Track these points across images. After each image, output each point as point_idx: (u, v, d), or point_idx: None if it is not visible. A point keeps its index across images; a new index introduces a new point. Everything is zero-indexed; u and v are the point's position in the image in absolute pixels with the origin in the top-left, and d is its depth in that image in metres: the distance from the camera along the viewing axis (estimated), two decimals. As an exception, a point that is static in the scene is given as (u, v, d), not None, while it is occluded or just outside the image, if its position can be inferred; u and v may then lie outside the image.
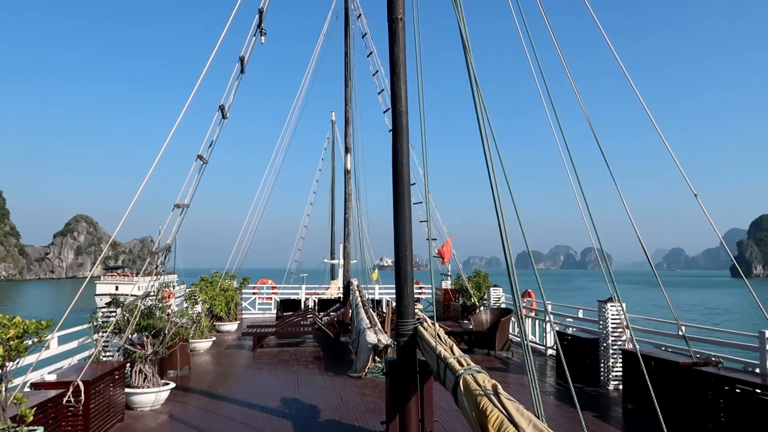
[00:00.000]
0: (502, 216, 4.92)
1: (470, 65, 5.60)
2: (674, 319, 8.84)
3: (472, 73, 5.55)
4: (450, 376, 5.25)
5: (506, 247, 5.06)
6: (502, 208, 4.91)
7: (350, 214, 16.80)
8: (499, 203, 4.91)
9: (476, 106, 5.35)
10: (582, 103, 7.60)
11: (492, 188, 4.98)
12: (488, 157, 5.09)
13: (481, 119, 5.23)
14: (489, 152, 5.12)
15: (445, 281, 20.00)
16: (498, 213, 4.94)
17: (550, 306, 14.09)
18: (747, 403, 6.73)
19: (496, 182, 4.99)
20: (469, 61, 5.62)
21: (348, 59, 17.97)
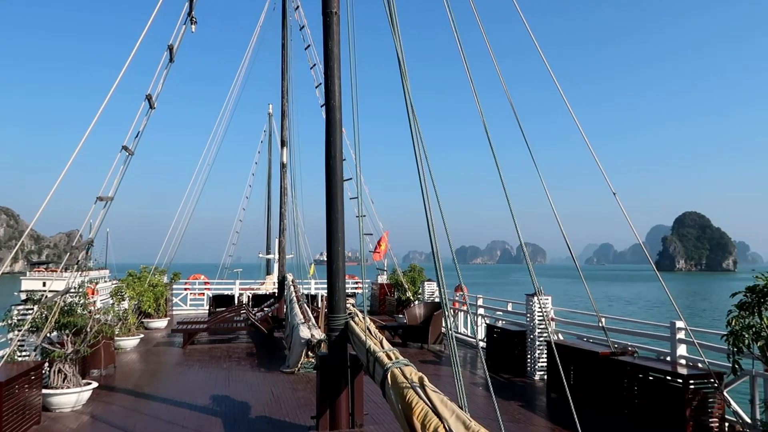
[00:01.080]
0: (430, 213, 5.01)
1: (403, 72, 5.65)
2: (595, 312, 9.25)
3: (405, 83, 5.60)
4: (378, 370, 5.32)
5: (434, 244, 5.15)
6: (430, 205, 4.99)
7: (286, 208, 16.63)
8: (428, 201, 4.98)
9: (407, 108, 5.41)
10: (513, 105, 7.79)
11: (421, 187, 5.05)
12: (418, 156, 5.16)
13: (412, 119, 5.29)
14: (418, 151, 5.19)
15: (381, 276, 20.13)
16: (426, 210, 5.02)
17: (481, 300, 14.48)
18: (658, 389, 7.15)
19: (425, 180, 5.06)
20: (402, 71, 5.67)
21: (285, 51, 17.73)
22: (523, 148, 7.27)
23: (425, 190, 5.02)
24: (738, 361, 6.20)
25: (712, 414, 6.82)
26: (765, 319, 5.97)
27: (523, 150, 7.27)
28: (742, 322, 6.11)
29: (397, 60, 5.64)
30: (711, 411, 6.83)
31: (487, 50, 7.57)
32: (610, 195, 7.91)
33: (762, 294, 5.93)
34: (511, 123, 7.55)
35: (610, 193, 7.88)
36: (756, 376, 6.81)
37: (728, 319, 6.21)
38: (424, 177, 5.04)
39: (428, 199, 5.00)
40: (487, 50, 7.59)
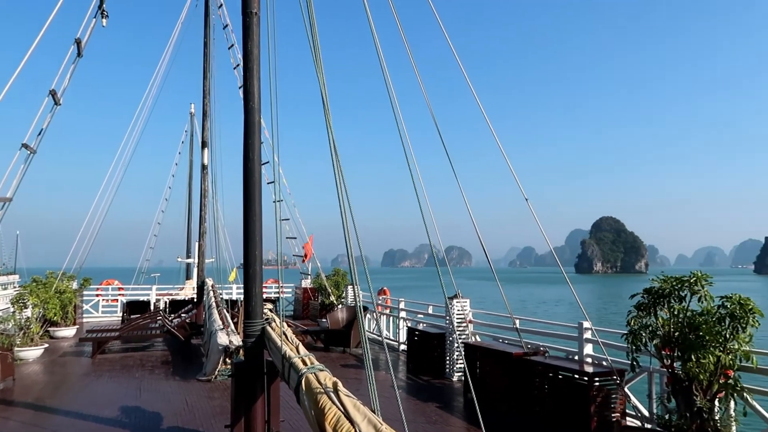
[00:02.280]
0: (345, 217, 5.00)
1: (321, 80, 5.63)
2: (513, 313, 9.57)
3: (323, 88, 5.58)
4: (293, 376, 5.27)
5: (349, 248, 5.14)
6: (346, 209, 4.99)
7: (206, 211, 16.16)
8: (344, 205, 4.98)
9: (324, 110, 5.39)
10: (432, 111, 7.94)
11: (338, 192, 5.04)
12: (334, 160, 5.15)
13: (328, 123, 5.28)
14: (335, 156, 5.18)
15: (305, 280, 19.96)
16: (342, 215, 5.01)
17: (403, 303, 14.64)
18: (567, 387, 7.48)
19: (341, 185, 5.06)
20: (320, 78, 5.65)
21: (207, 50, 17.25)
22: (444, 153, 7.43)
23: (341, 194, 5.02)
24: (636, 359, 6.57)
25: (614, 409, 7.22)
26: (660, 318, 6.36)
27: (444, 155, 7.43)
28: (640, 321, 6.48)
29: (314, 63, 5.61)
30: (613, 406, 7.22)
31: (407, 57, 7.68)
32: (531, 201, 8.20)
33: (657, 295, 6.32)
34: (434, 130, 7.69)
35: (532, 197, 8.16)
36: (653, 372, 7.26)
37: (628, 319, 6.58)
38: (340, 182, 5.04)
39: (344, 203, 5.00)
40: (407, 57, 7.69)
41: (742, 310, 5.82)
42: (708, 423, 5.86)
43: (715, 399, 5.95)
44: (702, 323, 5.98)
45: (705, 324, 5.96)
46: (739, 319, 5.82)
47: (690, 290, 6.15)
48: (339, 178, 5.10)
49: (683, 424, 5.94)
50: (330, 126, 5.34)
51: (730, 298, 5.94)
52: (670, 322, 6.24)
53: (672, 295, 6.23)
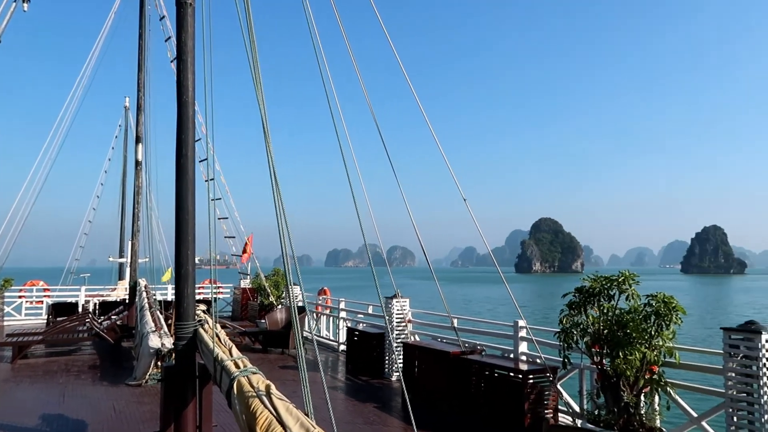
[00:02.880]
0: (282, 216, 4.89)
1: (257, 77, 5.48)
2: (451, 312, 9.65)
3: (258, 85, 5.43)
4: (225, 379, 5.11)
5: (284, 248, 5.03)
6: (283, 208, 4.87)
7: (140, 208, 15.55)
8: (279, 203, 4.86)
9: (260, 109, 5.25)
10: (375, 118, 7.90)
11: (273, 190, 4.92)
12: (269, 158, 5.02)
13: (265, 121, 5.14)
14: (271, 155, 5.05)
15: (243, 280, 19.53)
16: (278, 214, 4.89)
17: (344, 303, 14.56)
18: (502, 385, 7.60)
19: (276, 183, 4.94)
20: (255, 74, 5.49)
21: (142, 42, 16.61)
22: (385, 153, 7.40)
23: (276, 193, 4.89)
24: (568, 356, 6.74)
25: (547, 406, 7.38)
26: (590, 317, 6.55)
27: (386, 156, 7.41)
28: (571, 320, 6.65)
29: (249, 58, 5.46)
30: (546, 403, 7.38)
31: (348, 58, 7.61)
32: (471, 201, 8.27)
33: (588, 294, 6.50)
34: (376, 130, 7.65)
35: (472, 198, 8.24)
36: (583, 369, 7.47)
37: (560, 317, 6.74)
38: (274, 180, 4.92)
39: (280, 201, 4.88)
40: (348, 58, 7.63)
41: (666, 308, 6.06)
42: (634, 417, 6.06)
43: (641, 394, 6.17)
44: (629, 321, 6.19)
45: (632, 322, 6.16)
46: (663, 316, 6.05)
47: (618, 289, 6.36)
48: (272, 176, 4.98)
49: (611, 419, 6.13)
50: (266, 123, 5.21)
51: (655, 297, 6.17)
52: (600, 320, 6.42)
53: (602, 294, 6.42)
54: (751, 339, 5.40)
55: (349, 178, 5.29)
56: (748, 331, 5.47)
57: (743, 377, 5.47)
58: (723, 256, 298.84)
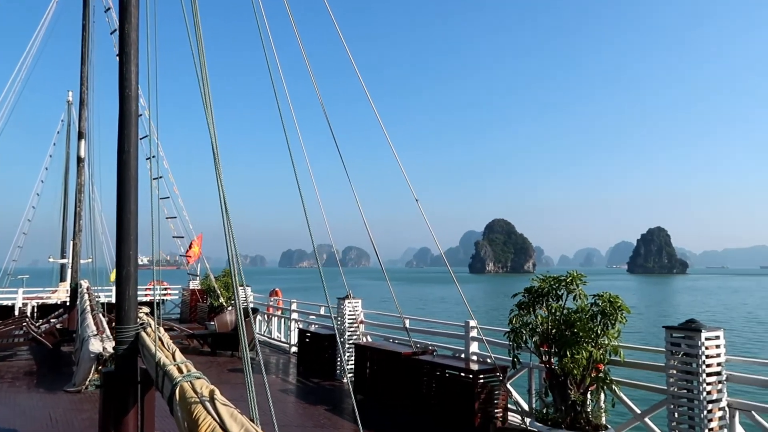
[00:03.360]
0: (226, 215, 4.72)
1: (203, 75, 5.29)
2: (408, 313, 9.62)
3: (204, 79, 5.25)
4: (167, 385, 4.90)
5: (229, 248, 4.87)
6: (227, 207, 4.71)
7: (82, 207, 14.90)
8: (224, 202, 4.70)
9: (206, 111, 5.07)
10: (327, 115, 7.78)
11: (218, 189, 4.76)
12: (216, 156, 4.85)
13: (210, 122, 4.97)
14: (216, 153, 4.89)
15: (193, 281, 19.02)
16: (223, 213, 4.73)
17: (295, 304, 14.35)
18: (453, 384, 7.61)
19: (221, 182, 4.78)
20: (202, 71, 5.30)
21: (86, 34, 15.95)
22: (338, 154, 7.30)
23: (221, 191, 4.73)
24: (517, 356, 6.79)
25: (497, 405, 7.43)
26: (539, 316, 6.62)
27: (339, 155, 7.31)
28: (521, 320, 6.70)
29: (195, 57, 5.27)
30: (496, 402, 7.43)
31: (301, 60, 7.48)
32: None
33: (537, 294, 6.56)
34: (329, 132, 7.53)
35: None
36: (533, 368, 7.55)
37: (510, 317, 6.78)
38: (219, 178, 4.76)
39: (224, 200, 4.72)
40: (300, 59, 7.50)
41: (612, 308, 6.18)
42: (581, 415, 6.16)
43: (587, 392, 6.27)
44: (577, 320, 6.28)
45: (579, 321, 6.26)
46: (609, 315, 6.17)
47: (566, 289, 6.45)
48: (218, 174, 4.82)
49: (558, 417, 6.20)
50: (211, 118, 5.04)
51: (601, 297, 6.29)
52: (548, 319, 6.50)
53: (550, 294, 6.50)
54: (692, 337, 5.55)
55: (297, 180, 5.14)
56: (688, 329, 5.62)
57: (684, 374, 5.62)
58: (666, 256, 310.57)
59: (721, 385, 5.56)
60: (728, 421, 5.58)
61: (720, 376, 5.56)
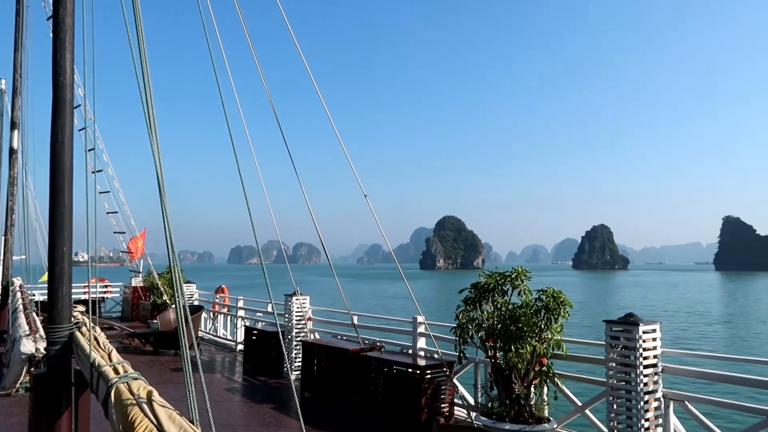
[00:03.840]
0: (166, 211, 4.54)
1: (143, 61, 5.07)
2: (359, 310, 9.55)
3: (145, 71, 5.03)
4: (102, 386, 4.68)
5: (169, 243, 4.68)
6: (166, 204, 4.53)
7: (15, 201, 14.17)
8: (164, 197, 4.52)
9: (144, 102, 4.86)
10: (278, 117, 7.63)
11: (158, 183, 4.57)
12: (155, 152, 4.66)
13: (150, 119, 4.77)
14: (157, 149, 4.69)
15: (135, 278, 18.40)
16: (162, 208, 4.54)
17: (242, 301, 14.09)
18: (400, 380, 7.61)
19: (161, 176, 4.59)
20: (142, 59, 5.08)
21: (19, 19, 15.16)
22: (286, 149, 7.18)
23: (161, 186, 4.55)
24: (464, 351, 6.85)
25: (443, 400, 7.48)
26: (485, 312, 6.69)
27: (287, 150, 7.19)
28: (467, 315, 6.76)
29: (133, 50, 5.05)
30: (443, 397, 7.48)
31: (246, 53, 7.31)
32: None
33: (483, 290, 6.63)
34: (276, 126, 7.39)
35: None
36: (478, 363, 7.63)
37: (456, 313, 6.83)
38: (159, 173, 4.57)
39: (164, 195, 4.54)
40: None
41: (555, 303, 6.31)
42: (524, 408, 6.26)
43: (531, 385, 6.38)
44: (521, 315, 6.38)
45: (524, 316, 6.36)
46: (552, 310, 6.30)
47: (512, 285, 6.54)
48: (158, 166, 4.63)
49: (503, 411, 6.29)
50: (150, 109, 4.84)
51: (545, 292, 6.41)
52: (494, 315, 6.58)
53: (496, 289, 6.58)
54: (630, 331, 5.72)
55: (241, 174, 5.00)
56: (627, 323, 5.78)
57: (622, 367, 5.78)
58: (609, 253, 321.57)
59: (657, 376, 5.75)
60: (663, 411, 5.78)
61: (656, 368, 5.75)
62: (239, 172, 4.65)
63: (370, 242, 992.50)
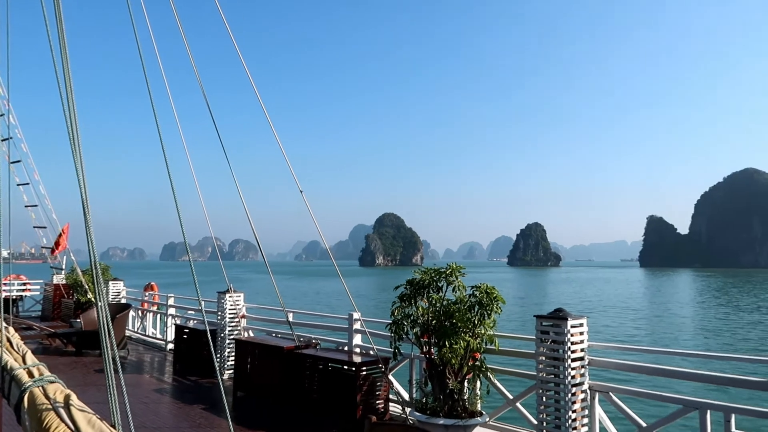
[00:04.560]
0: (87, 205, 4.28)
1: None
2: (297, 307, 9.39)
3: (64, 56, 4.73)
4: (15, 391, 4.38)
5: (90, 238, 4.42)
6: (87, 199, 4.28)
7: None
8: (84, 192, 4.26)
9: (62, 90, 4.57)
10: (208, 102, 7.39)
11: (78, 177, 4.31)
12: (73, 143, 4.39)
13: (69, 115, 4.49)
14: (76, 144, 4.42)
15: (57, 275, 17.43)
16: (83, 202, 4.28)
17: (173, 299, 13.62)
18: (336, 378, 7.54)
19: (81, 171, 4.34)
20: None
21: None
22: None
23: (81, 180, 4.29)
24: (399, 347, 6.85)
25: (379, 396, 7.47)
26: (420, 308, 6.71)
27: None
28: (403, 311, 6.76)
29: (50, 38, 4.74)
30: (378, 393, 7.47)
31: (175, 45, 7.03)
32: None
33: (418, 286, 6.65)
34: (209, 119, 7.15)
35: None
36: (414, 359, 7.67)
37: (392, 309, 6.82)
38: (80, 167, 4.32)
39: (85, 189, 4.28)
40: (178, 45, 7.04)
41: (488, 298, 6.39)
42: (458, 403, 6.33)
43: (464, 380, 6.45)
44: (456, 311, 6.44)
45: (458, 312, 6.42)
46: (486, 306, 6.38)
47: (446, 281, 6.59)
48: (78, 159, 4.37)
49: (437, 406, 6.34)
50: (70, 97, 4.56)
51: (479, 288, 6.49)
52: (429, 311, 6.61)
53: (431, 285, 6.61)
54: (559, 325, 5.87)
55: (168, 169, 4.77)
56: (556, 318, 5.94)
57: (552, 360, 5.93)
58: (542, 250, 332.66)
59: (584, 369, 5.94)
60: (589, 403, 5.97)
61: (583, 360, 5.93)
62: (167, 167, 4.43)
63: (308, 239, 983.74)
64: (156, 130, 4.45)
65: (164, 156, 4.33)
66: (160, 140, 4.38)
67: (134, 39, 4.89)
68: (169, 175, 4.25)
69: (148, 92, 4.85)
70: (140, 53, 5.38)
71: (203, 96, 7.38)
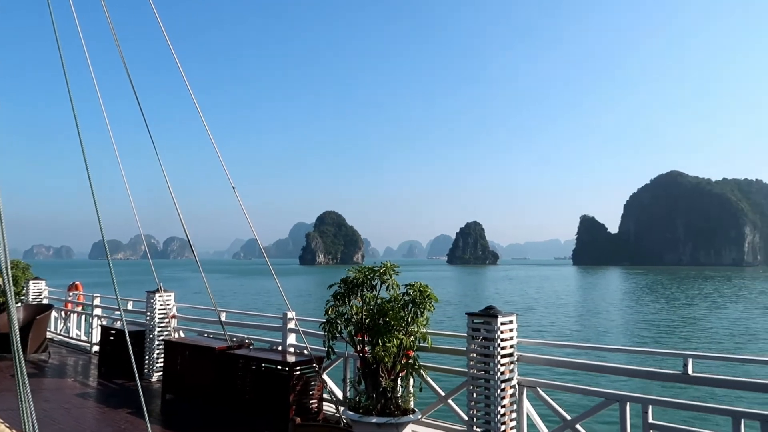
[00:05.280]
0: None
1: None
2: (232, 306, 9.16)
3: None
4: None
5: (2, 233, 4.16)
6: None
7: None
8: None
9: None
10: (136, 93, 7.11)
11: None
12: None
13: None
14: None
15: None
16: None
17: (99, 299, 13.04)
18: (269, 378, 7.43)
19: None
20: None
21: None
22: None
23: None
24: (332, 346, 6.80)
25: (312, 396, 7.41)
26: (354, 306, 6.68)
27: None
28: (336, 310, 6.72)
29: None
30: (312, 393, 7.41)
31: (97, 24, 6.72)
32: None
33: (352, 285, 6.62)
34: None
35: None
36: (348, 357, 7.64)
37: (325, 308, 6.77)
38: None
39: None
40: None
41: (421, 297, 6.44)
42: (391, 401, 6.34)
43: (397, 378, 6.48)
44: (389, 309, 6.45)
45: (392, 310, 6.43)
46: (419, 304, 6.43)
47: (380, 279, 6.59)
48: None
49: (370, 404, 6.33)
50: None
51: (412, 286, 6.53)
52: (363, 309, 6.59)
53: (365, 284, 6.59)
54: (489, 322, 5.98)
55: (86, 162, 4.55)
56: (487, 315, 6.05)
57: (482, 357, 6.04)
58: (481, 248, 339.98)
59: (513, 365, 6.07)
60: (518, 398, 6.12)
61: (512, 357, 6.07)
62: (85, 161, 4.23)
63: (247, 237, 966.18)
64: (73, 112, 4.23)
65: (80, 141, 4.12)
66: (76, 122, 4.16)
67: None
68: (85, 163, 4.05)
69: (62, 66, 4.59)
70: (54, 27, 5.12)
71: (127, 75, 7.08)
